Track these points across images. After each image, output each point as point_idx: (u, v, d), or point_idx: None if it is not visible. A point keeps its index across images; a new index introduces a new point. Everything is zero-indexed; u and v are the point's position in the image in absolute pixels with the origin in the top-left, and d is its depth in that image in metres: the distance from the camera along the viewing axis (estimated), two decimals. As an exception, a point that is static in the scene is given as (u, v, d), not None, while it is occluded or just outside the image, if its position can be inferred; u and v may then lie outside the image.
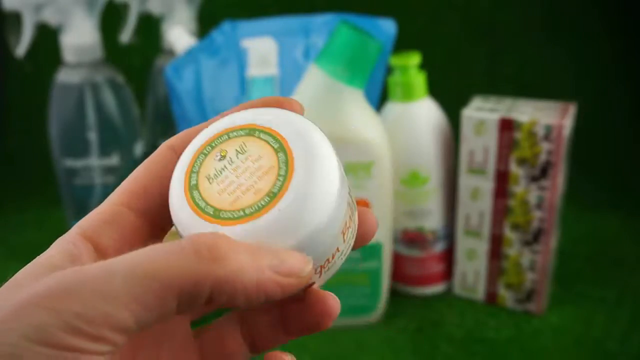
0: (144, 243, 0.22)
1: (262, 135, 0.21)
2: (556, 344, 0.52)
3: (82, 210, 0.64)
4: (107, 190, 0.63)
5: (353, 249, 0.23)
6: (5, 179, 0.83)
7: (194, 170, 0.21)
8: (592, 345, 0.52)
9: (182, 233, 0.21)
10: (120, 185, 0.23)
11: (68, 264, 0.19)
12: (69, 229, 0.21)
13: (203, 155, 0.22)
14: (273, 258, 0.19)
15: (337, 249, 0.21)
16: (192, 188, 0.21)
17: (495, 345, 0.52)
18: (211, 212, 0.20)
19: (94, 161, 0.62)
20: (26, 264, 0.20)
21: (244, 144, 0.21)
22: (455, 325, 0.55)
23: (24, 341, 0.16)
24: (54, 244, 0.21)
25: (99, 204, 0.22)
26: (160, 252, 0.18)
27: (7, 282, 0.19)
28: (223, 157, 0.21)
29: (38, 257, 0.20)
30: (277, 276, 0.19)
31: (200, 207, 0.21)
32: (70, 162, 0.62)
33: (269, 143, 0.21)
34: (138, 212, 0.22)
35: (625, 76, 0.79)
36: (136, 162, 0.65)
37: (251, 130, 0.22)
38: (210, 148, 0.22)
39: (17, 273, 0.20)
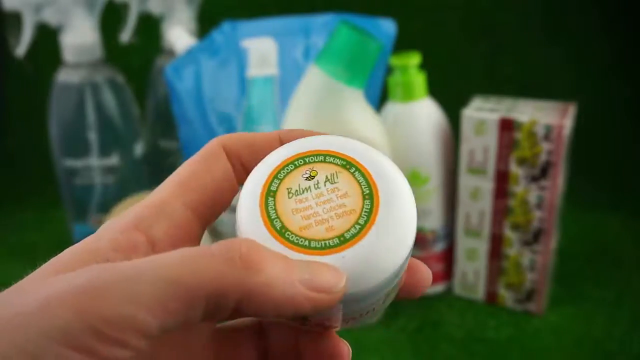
0: (192, 236, 0.22)
1: (357, 175, 0.21)
2: (556, 344, 0.52)
3: (82, 210, 0.64)
4: (107, 190, 0.63)
5: (400, 298, 0.22)
6: (5, 179, 0.83)
7: (278, 177, 0.21)
8: (592, 345, 0.52)
9: (238, 232, 0.20)
10: (169, 177, 0.22)
11: (112, 253, 0.19)
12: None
13: (292, 166, 0.21)
14: (306, 271, 0.18)
15: (374, 309, 0.21)
16: (269, 193, 0.20)
17: (495, 345, 0.52)
18: (278, 227, 0.20)
19: (94, 161, 0.62)
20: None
21: (336, 174, 0.21)
22: (455, 325, 0.55)
23: (45, 340, 0.16)
24: (104, 227, 0.20)
25: (99, 204, 0.22)
26: (191, 256, 0.17)
27: (52, 259, 0.19)
28: (311, 178, 0.21)
29: (87, 238, 0.20)
30: (309, 291, 0.18)
31: (270, 217, 0.20)
32: (70, 162, 0.62)
33: (360, 185, 0.20)
34: (186, 204, 0.21)
35: (625, 76, 0.79)
36: (136, 162, 0.65)
37: (349, 164, 0.21)
38: (302, 162, 0.21)
39: (63, 252, 0.19)
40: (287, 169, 0.21)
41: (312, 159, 0.21)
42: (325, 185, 0.21)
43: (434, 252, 0.58)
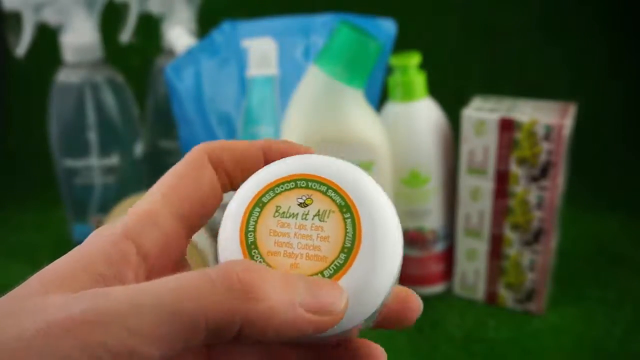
0: (180, 245, 0.22)
1: (348, 222, 0.20)
2: (556, 344, 0.52)
3: (82, 210, 0.64)
4: (107, 190, 0.63)
5: (387, 328, 0.22)
6: (5, 179, 0.83)
7: (275, 190, 0.21)
8: (592, 345, 0.52)
9: (219, 256, 0.20)
10: (155, 186, 0.22)
11: (105, 268, 0.19)
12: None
13: (292, 184, 0.21)
14: (306, 293, 0.18)
15: (360, 324, 0.21)
16: (258, 203, 0.20)
17: (495, 345, 0.52)
18: (248, 241, 0.20)
19: (94, 161, 0.62)
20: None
21: (328, 213, 0.20)
22: (455, 325, 0.55)
23: None
24: (93, 237, 0.20)
25: (99, 204, 0.22)
26: (189, 284, 0.17)
27: (42, 272, 0.19)
28: (304, 205, 0.20)
29: (78, 249, 0.20)
30: (310, 315, 0.18)
31: (247, 228, 0.20)
32: (70, 162, 0.62)
33: (346, 236, 0.20)
34: (173, 214, 0.21)
35: (625, 76, 0.79)
36: (136, 162, 0.65)
37: (346, 207, 0.20)
38: (303, 184, 0.21)
39: (54, 264, 0.19)
40: (286, 186, 0.21)
41: (314, 185, 0.21)
42: (313, 219, 0.20)
43: (434, 252, 0.58)
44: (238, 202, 0.21)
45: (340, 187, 0.20)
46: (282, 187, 0.21)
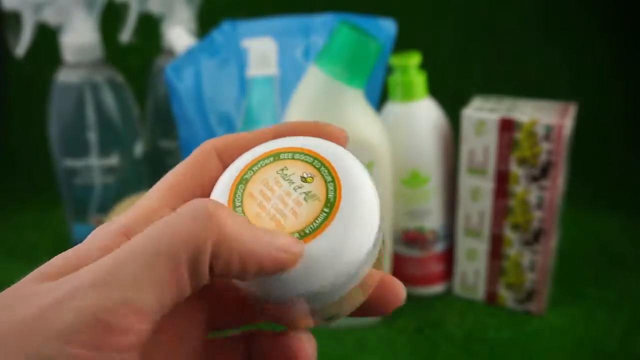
0: None
1: (325, 175, 0.21)
2: (556, 344, 0.52)
3: (82, 210, 0.64)
4: (107, 190, 0.63)
5: (371, 315, 0.23)
6: (5, 179, 0.83)
7: (253, 169, 0.22)
8: (592, 345, 0.52)
9: None
10: (160, 182, 0.22)
11: None
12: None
13: (271, 159, 0.22)
14: (267, 233, 0.19)
15: (338, 311, 0.21)
16: (242, 181, 0.21)
17: (495, 345, 0.52)
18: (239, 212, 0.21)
19: (94, 161, 0.62)
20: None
21: (309, 174, 0.21)
22: (455, 325, 0.55)
23: (54, 342, 0.16)
24: (94, 234, 0.21)
25: (99, 204, 0.22)
26: (161, 225, 0.18)
27: (44, 265, 0.19)
28: (285, 175, 0.21)
29: (78, 246, 0.20)
30: (270, 248, 0.19)
31: (234, 204, 0.21)
32: (70, 162, 0.62)
33: (327, 186, 0.21)
34: (175, 210, 0.22)
35: (625, 76, 0.79)
36: (136, 162, 0.65)
37: (322, 165, 0.21)
38: (286, 156, 0.22)
39: (55, 258, 0.19)
40: (265, 162, 0.22)
41: (298, 156, 0.22)
42: (296, 184, 0.21)
43: (434, 252, 0.58)
44: (226, 176, 0.22)
45: (311, 150, 0.22)
46: (263, 162, 0.22)
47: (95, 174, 0.63)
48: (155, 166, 0.70)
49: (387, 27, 0.59)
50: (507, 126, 0.52)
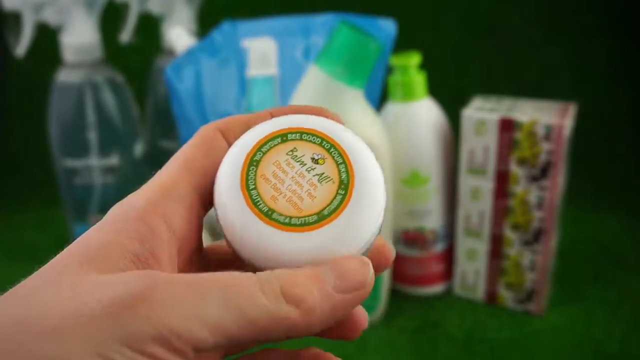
0: (199, 219, 0.22)
1: (337, 158, 0.22)
2: (556, 344, 0.52)
3: (82, 210, 0.64)
4: (107, 190, 0.63)
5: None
6: (5, 179, 0.83)
7: (262, 150, 0.22)
8: (592, 346, 0.52)
9: (220, 218, 0.21)
10: (172, 160, 0.22)
11: (139, 246, 0.19)
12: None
13: (279, 139, 0.22)
14: (335, 277, 0.19)
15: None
16: (252, 162, 0.21)
17: (495, 345, 0.52)
18: (265, 210, 0.20)
19: (94, 161, 0.62)
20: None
21: (322, 157, 0.22)
22: (455, 325, 0.55)
23: (115, 343, 0.16)
24: (117, 214, 0.20)
25: (99, 204, 0.22)
26: (248, 287, 0.18)
27: (73, 249, 0.19)
28: (295, 156, 0.21)
29: (103, 226, 0.20)
30: (345, 295, 0.19)
31: (248, 187, 0.21)
32: (70, 162, 0.62)
33: (339, 170, 0.21)
34: (192, 186, 0.21)
35: (625, 76, 0.79)
36: (136, 162, 0.65)
37: (332, 147, 0.22)
38: (294, 137, 0.22)
39: (85, 242, 0.19)
40: (274, 142, 0.22)
41: (295, 136, 0.22)
42: (309, 165, 0.21)
43: (434, 252, 0.58)
44: (233, 155, 0.21)
45: (323, 132, 0.22)
46: (272, 143, 0.22)
47: (95, 174, 0.63)
48: (155, 166, 0.69)
49: (387, 27, 0.59)
50: (507, 126, 0.52)
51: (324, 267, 0.19)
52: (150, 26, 0.69)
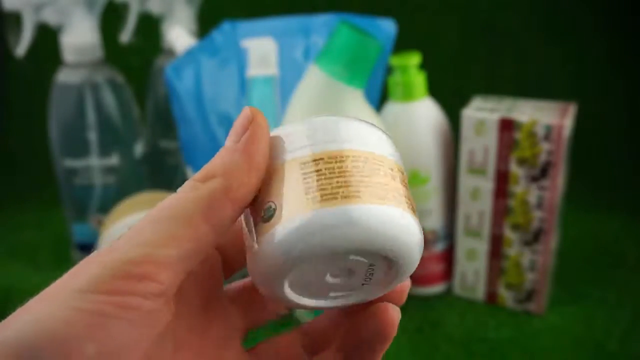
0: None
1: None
2: (556, 344, 0.52)
3: (81, 210, 0.64)
4: (107, 190, 0.63)
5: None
6: (5, 179, 0.83)
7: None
8: (592, 346, 0.52)
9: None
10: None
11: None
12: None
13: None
14: (229, 136, 0.21)
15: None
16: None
17: (495, 345, 0.52)
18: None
19: (94, 161, 0.62)
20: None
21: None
22: (455, 325, 0.55)
23: (80, 293, 0.17)
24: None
25: (99, 204, 0.23)
26: (174, 199, 0.20)
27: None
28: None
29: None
30: (245, 137, 0.21)
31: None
32: (70, 162, 0.62)
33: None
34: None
35: (625, 76, 0.79)
36: (136, 162, 0.65)
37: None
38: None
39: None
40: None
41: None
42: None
43: (434, 252, 0.58)
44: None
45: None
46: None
47: (95, 174, 0.63)
48: (155, 166, 0.70)
49: (387, 27, 0.59)
50: (507, 126, 0.52)
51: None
52: (150, 26, 0.69)
